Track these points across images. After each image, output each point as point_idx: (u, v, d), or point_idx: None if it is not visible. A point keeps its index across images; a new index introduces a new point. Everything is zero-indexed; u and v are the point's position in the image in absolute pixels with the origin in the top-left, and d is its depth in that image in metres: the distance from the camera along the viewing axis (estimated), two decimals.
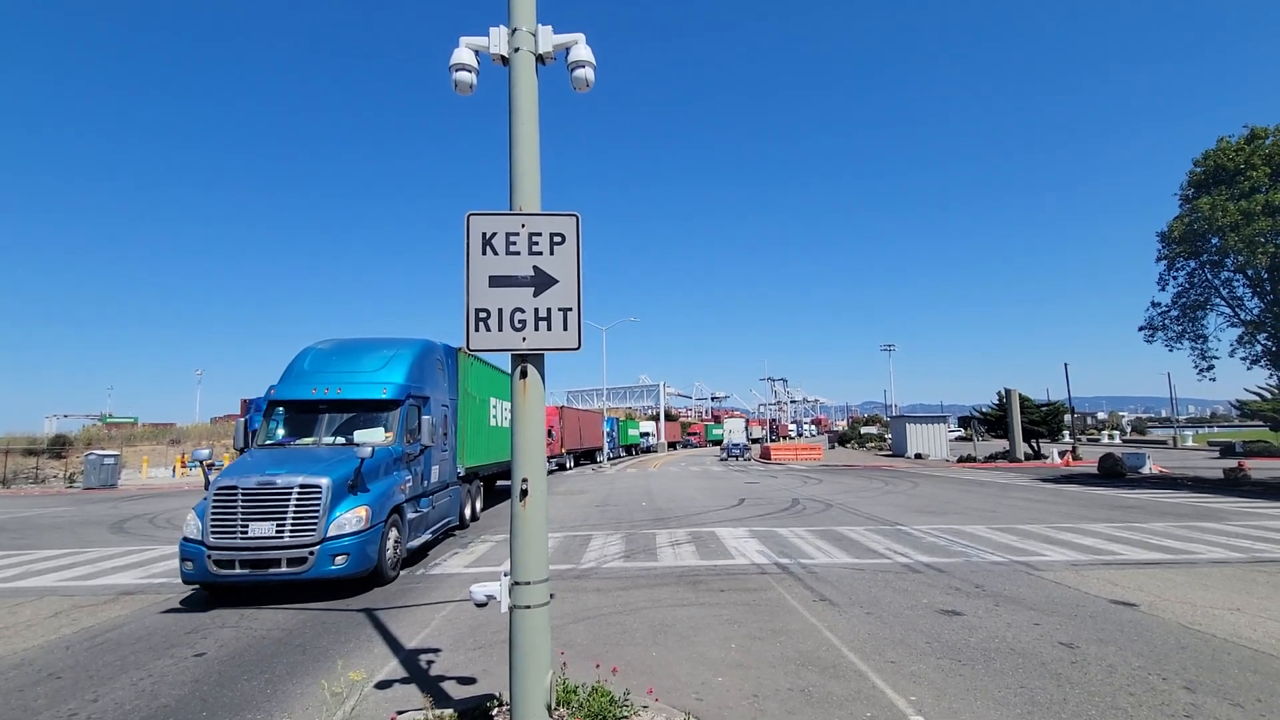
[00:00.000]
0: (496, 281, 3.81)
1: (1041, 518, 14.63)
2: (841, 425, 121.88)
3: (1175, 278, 23.15)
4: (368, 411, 9.86)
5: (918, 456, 45.52)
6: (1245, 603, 7.38)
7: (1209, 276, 22.21)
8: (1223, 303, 22.15)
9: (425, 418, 10.19)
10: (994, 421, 42.93)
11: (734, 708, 4.75)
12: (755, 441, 70.40)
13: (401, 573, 9.72)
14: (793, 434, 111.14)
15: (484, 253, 3.82)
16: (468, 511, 14.37)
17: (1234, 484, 22.11)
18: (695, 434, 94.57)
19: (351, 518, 8.21)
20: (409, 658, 6.03)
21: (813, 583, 8.66)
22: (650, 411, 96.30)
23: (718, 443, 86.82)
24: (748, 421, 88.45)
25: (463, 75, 4.13)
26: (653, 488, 24.69)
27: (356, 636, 6.71)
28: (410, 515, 9.90)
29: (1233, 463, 26.98)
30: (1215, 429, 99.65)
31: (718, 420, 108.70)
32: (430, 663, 5.85)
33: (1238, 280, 21.56)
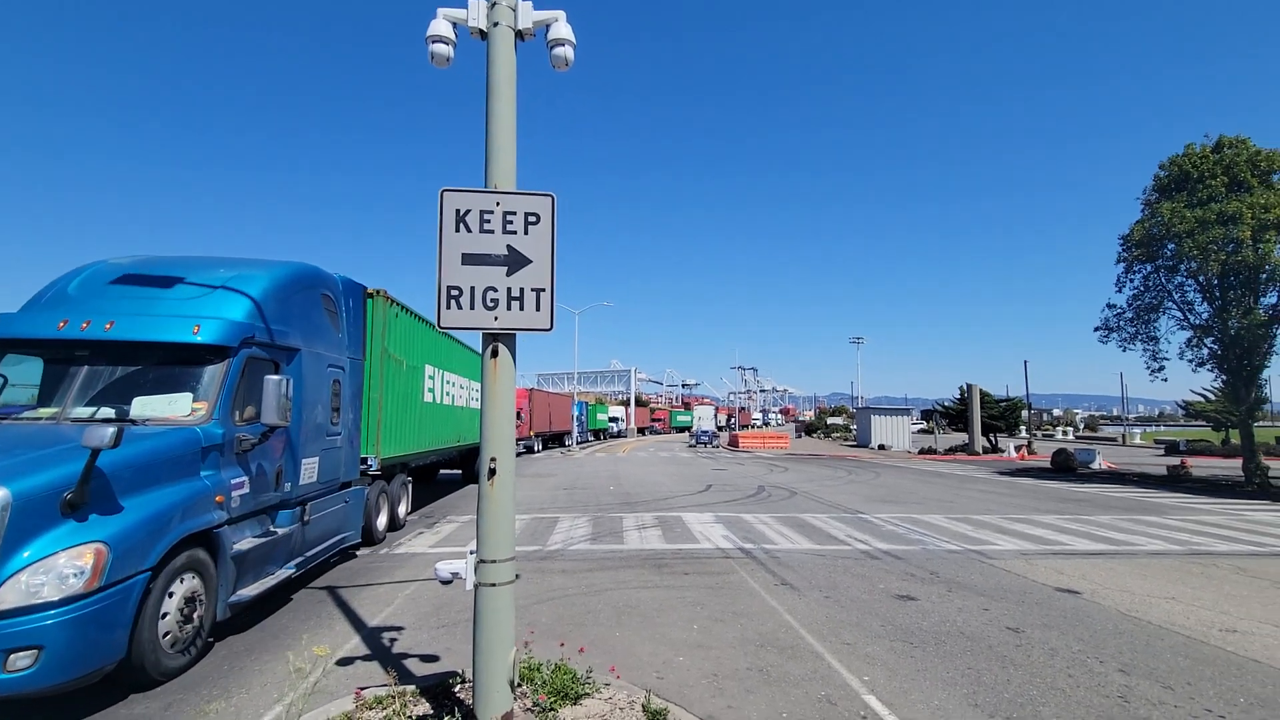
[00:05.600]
0: (469, 259, 3.77)
1: (996, 509, 15.15)
2: (809, 415, 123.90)
3: (1132, 280, 23.94)
4: (166, 364, 5.96)
5: (881, 448, 46.54)
6: (1180, 592, 7.78)
7: (1163, 280, 23.00)
8: (1174, 306, 23.01)
9: (274, 380, 6.04)
10: (955, 415, 44.15)
11: (694, 686, 4.86)
12: (722, 429, 71.14)
13: (363, 552, 9.62)
14: (756, 422, 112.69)
15: (457, 230, 3.78)
16: (382, 520, 10.52)
17: (1176, 480, 23.18)
18: (660, 419, 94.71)
19: (61, 567, 4.21)
20: (371, 635, 6.00)
21: (775, 567, 8.84)
22: (621, 397, 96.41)
23: (682, 429, 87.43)
24: (717, 409, 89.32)
25: (440, 48, 4.05)
26: (621, 472, 24.82)
27: (317, 614, 6.65)
28: (243, 544, 5.98)
29: (1176, 460, 28.25)
30: (1162, 427, 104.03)
31: (688, 407, 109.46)
32: (393, 640, 5.84)
33: (1190, 285, 22.40)
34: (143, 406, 5.72)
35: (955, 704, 4.60)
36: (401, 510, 11.72)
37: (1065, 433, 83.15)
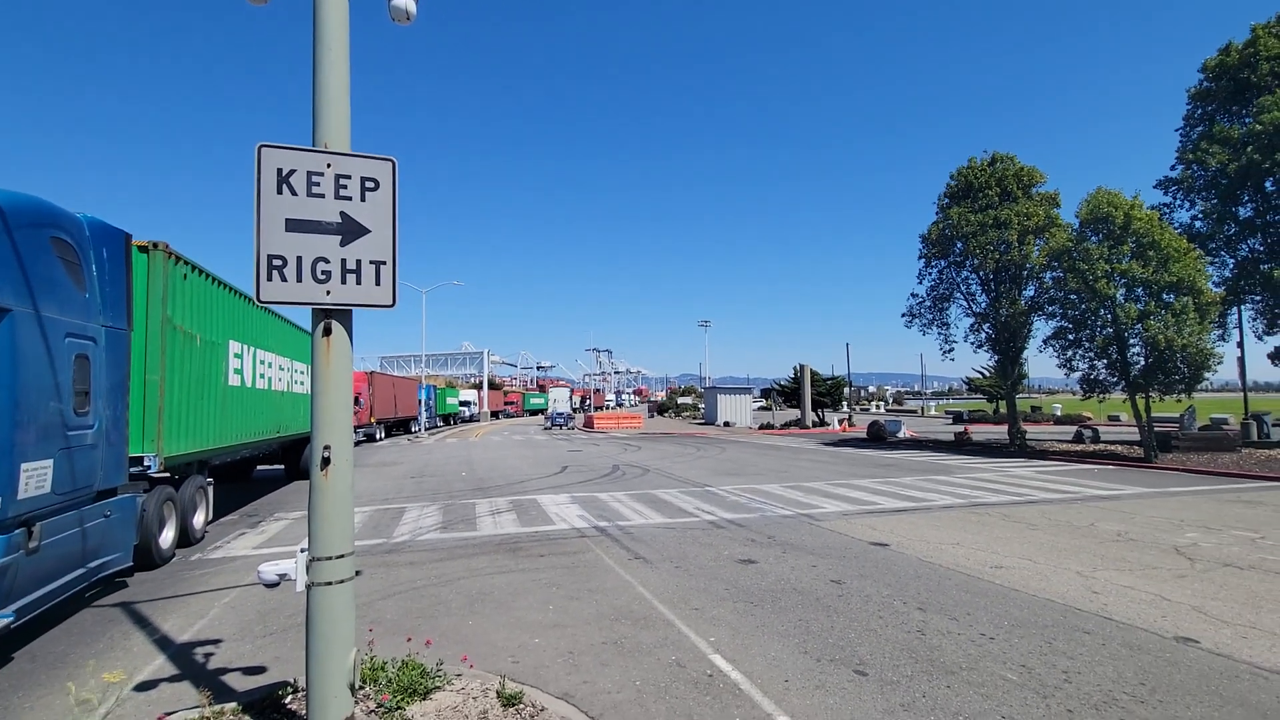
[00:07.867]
0: (295, 226, 3.38)
1: (823, 475, 16.83)
2: (661, 395, 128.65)
3: (930, 274, 27.75)
4: None
5: (726, 424, 49.62)
6: (963, 538, 9.19)
7: (953, 274, 26.95)
8: (962, 297, 27.07)
9: None
10: (789, 393, 48.37)
11: (550, 666, 4.87)
12: (577, 410, 71.77)
13: (177, 553, 8.43)
14: (611, 403, 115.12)
15: (279, 192, 3.36)
16: (167, 535, 8.65)
17: (961, 445, 27.29)
18: (513, 403, 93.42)
19: None
20: (181, 653, 5.28)
21: (629, 543, 9.10)
22: (473, 380, 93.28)
23: (537, 412, 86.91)
24: (572, 391, 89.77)
25: None
26: (474, 457, 24.07)
27: (108, 635, 5.72)
28: None
29: (961, 428, 33.29)
30: (952, 401, 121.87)
31: (543, 389, 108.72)
32: (209, 655, 5.18)
33: (973, 279, 26.44)
34: None
35: (789, 653, 5.06)
36: (198, 520, 9.74)
37: (878, 407, 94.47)
